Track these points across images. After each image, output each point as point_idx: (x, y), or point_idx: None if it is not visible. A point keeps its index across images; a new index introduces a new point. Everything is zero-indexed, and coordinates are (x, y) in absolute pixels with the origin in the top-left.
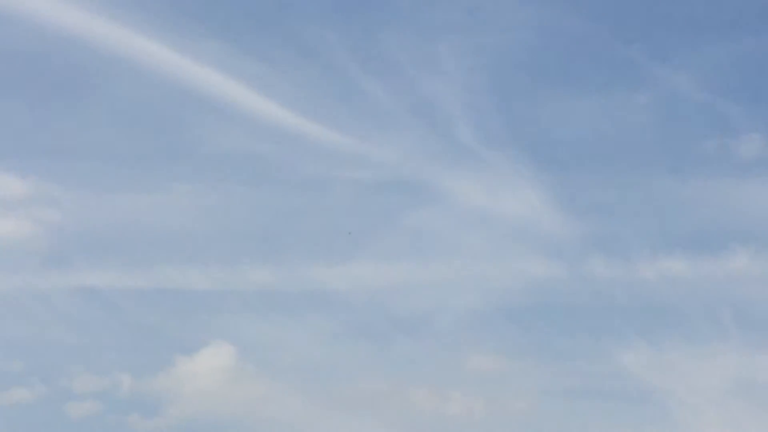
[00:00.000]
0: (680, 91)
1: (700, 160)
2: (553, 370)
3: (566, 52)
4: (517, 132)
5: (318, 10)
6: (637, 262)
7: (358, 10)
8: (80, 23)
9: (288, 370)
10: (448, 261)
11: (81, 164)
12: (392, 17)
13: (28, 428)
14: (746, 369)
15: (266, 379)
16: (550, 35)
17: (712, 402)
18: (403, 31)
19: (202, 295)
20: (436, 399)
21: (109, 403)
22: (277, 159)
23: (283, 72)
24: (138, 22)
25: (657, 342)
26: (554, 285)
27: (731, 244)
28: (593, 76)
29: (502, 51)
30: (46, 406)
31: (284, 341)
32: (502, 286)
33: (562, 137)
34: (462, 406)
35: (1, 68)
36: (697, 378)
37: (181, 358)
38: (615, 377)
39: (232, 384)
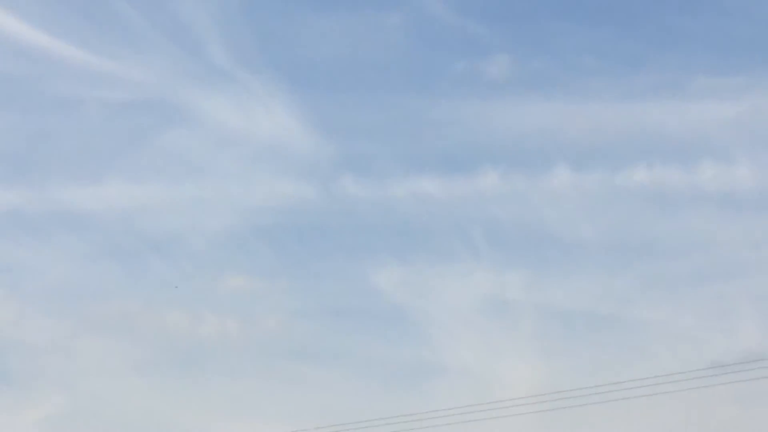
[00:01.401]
0: (431, 12)
1: (451, 81)
2: (306, 290)
3: None
4: (270, 53)
5: None
6: (390, 182)
7: None
8: None
9: (38, 292)
10: (200, 182)
11: None
12: None
13: None
14: (496, 287)
15: (16, 302)
16: None
17: (464, 320)
18: None
19: None
20: (190, 320)
21: None
22: (23, 79)
23: None
24: None
25: (409, 262)
26: (307, 205)
27: (482, 165)
28: None
29: None
30: None
31: (34, 263)
32: (254, 206)
33: (316, 58)
34: (215, 327)
35: None
36: (449, 296)
37: None
38: (368, 297)
39: None
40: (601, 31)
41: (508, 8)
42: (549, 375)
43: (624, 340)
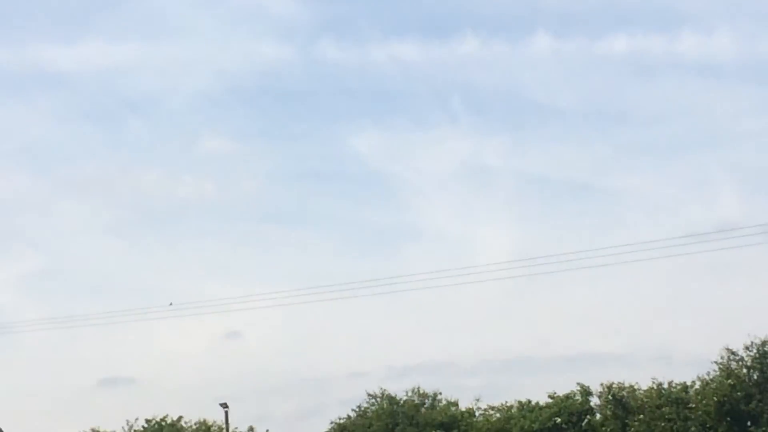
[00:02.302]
0: None
1: None
2: (284, 153)
3: None
4: None
5: None
6: (369, 46)
7: None
8: None
9: (15, 151)
10: (179, 42)
11: None
12: None
13: None
14: (474, 154)
15: None
16: None
17: (440, 185)
18: None
19: None
20: (167, 182)
21: None
22: None
23: None
24: None
25: (388, 126)
26: (286, 68)
27: (462, 30)
28: None
29: None
30: None
31: (11, 122)
32: (234, 68)
33: None
34: (192, 189)
35: None
36: (427, 162)
37: None
38: (346, 161)
39: None
40: None
41: None
42: (524, 241)
43: (600, 207)
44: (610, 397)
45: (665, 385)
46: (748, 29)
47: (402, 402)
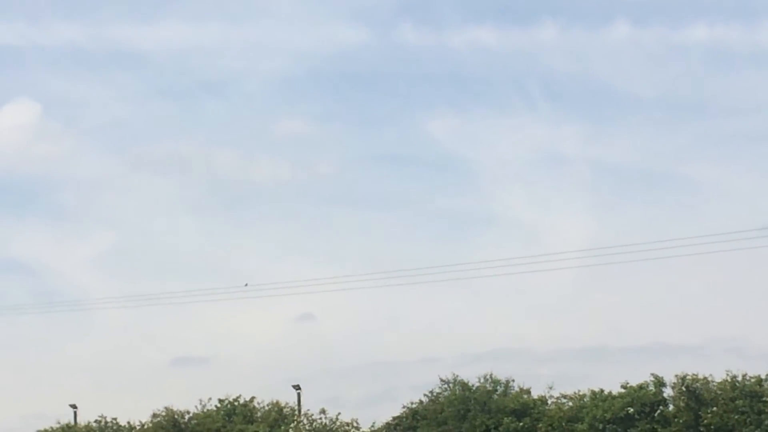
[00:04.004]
0: None
1: None
2: (360, 136)
3: None
4: None
5: None
6: (448, 31)
7: None
8: None
9: (93, 129)
10: (258, 23)
11: None
12: None
13: None
14: (551, 142)
15: (71, 138)
16: None
17: (517, 173)
18: None
19: (4, 51)
20: (243, 163)
21: None
22: None
23: None
24: None
25: (465, 112)
26: (364, 51)
27: (541, 17)
28: None
29: None
30: None
31: (90, 100)
32: (312, 51)
33: None
34: (268, 171)
35: None
36: (503, 149)
37: None
38: (422, 145)
39: (36, 142)
40: None
41: None
42: (599, 230)
43: (677, 198)
44: (683, 388)
45: (739, 378)
46: None
47: (474, 388)
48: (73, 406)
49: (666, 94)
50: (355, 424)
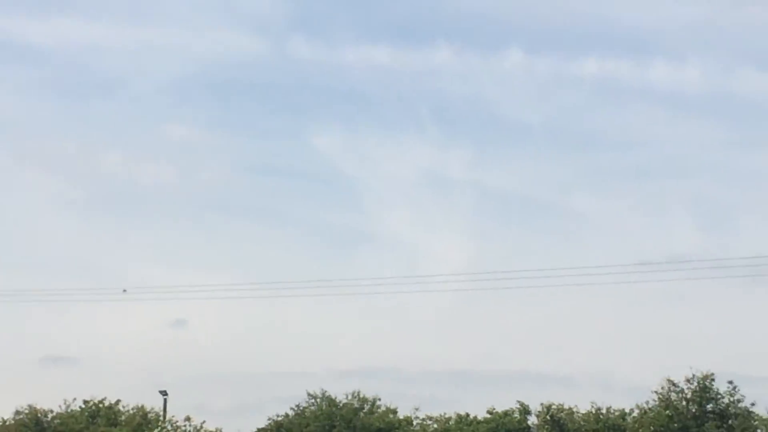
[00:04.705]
0: None
1: None
2: (249, 147)
3: None
4: None
5: None
6: (342, 47)
7: None
8: None
9: None
10: (154, 26)
11: None
12: None
13: None
14: (437, 164)
15: None
16: None
17: (401, 192)
18: None
19: None
20: (129, 165)
21: None
22: None
23: None
24: None
25: (354, 129)
26: (257, 61)
27: (436, 39)
28: None
29: None
30: None
31: None
32: (205, 57)
33: None
34: (153, 174)
35: None
36: (389, 168)
37: None
38: (308, 159)
39: None
40: None
41: None
42: (479, 255)
43: (558, 228)
44: (548, 417)
45: (603, 411)
46: (718, 63)
47: (341, 405)
48: None
49: (554, 123)
50: None
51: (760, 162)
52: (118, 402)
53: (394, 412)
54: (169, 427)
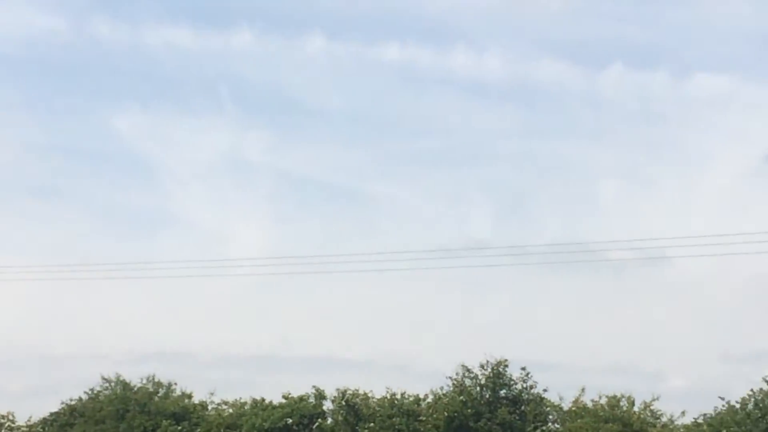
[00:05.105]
0: None
1: None
2: (44, 126)
3: None
4: None
5: None
6: (143, 27)
7: None
8: None
9: None
10: None
11: None
12: None
13: None
14: (236, 147)
15: None
16: None
17: (199, 175)
18: None
19: None
20: None
21: None
22: None
23: None
24: None
25: (153, 110)
26: (55, 40)
27: (238, 22)
28: None
29: None
30: None
31: None
32: (0, 34)
33: None
34: None
35: None
36: (188, 150)
37: None
38: (106, 140)
39: None
40: None
41: None
42: (278, 239)
43: (358, 213)
44: (343, 402)
45: (398, 396)
46: (517, 51)
47: (136, 389)
48: None
49: (354, 109)
50: (10, 418)
51: (557, 150)
52: None
53: (189, 396)
54: None
